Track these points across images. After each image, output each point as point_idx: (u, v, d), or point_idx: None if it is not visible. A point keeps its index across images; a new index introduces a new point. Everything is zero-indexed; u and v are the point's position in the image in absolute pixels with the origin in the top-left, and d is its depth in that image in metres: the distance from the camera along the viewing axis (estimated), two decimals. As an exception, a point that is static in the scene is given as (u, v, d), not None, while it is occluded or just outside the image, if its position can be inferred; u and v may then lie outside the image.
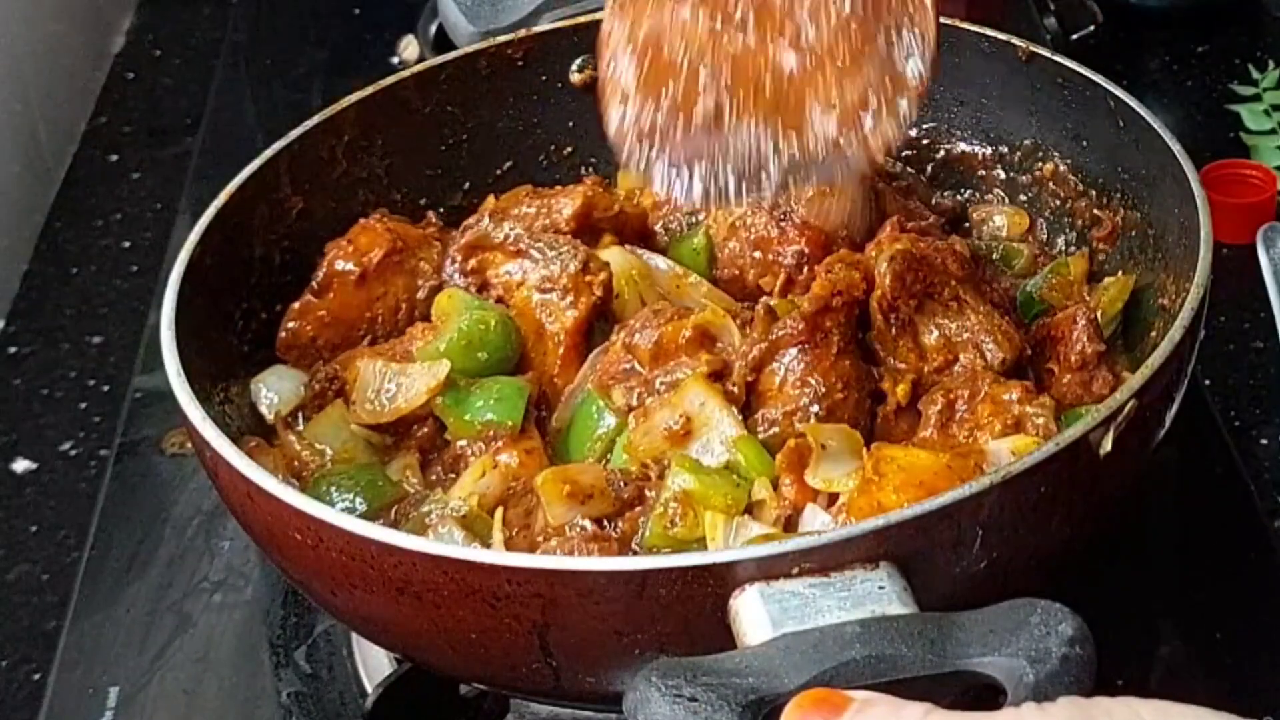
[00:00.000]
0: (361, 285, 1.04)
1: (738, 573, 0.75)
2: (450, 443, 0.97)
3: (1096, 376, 0.96)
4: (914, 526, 0.76)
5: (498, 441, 0.94)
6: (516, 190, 1.11)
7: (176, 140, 1.62)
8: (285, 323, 1.04)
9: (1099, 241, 1.08)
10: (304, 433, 0.99)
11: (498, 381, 0.97)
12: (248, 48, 1.72)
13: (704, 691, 0.69)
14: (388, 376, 0.98)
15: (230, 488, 0.86)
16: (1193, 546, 1.08)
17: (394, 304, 1.05)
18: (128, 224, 1.52)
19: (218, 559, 1.11)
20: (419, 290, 1.05)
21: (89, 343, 1.38)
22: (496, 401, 0.95)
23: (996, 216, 1.13)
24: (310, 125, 1.09)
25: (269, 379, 1.01)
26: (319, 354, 1.03)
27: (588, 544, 0.87)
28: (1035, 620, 0.71)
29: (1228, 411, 1.19)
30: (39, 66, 1.59)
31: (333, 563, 0.81)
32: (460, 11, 1.43)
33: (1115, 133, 1.05)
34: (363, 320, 1.04)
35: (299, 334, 1.03)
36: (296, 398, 1.01)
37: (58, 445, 1.28)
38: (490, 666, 0.83)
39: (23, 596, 1.16)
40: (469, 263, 1.04)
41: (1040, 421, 0.90)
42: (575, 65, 1.17)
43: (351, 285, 1.04)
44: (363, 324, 1.04)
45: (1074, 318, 0.97)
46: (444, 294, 1.02)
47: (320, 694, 1.02)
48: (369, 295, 1.04)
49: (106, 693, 1.02)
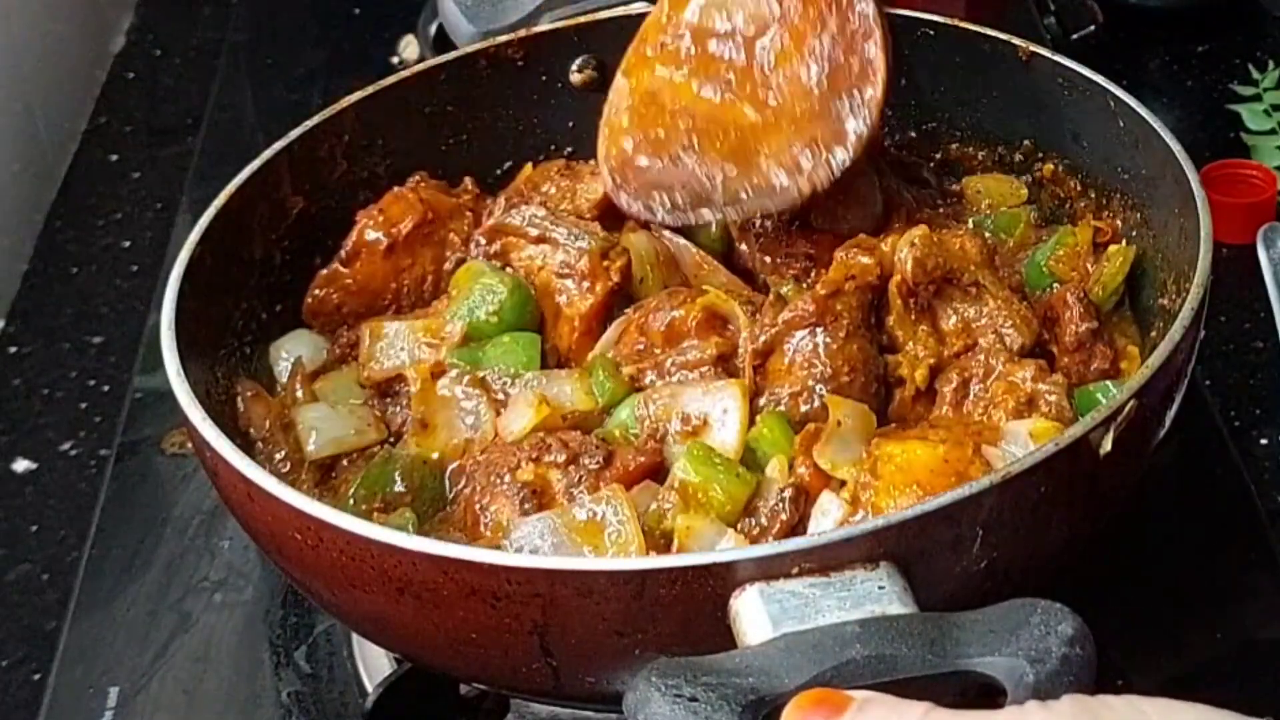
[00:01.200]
0: (390, 255, 1.05)
1: (738, 572, 0.75)
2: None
3: (1094, 354, 0.97)
4: (914, 527, 0.76)
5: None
6: (549, 164, 1.13)
7: (177, 140, 1.62)
8: (312, 289, 1.05)
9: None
10: (315, 389, 1.00)
11: (508, 335, 0.99)
12: (248, 48, 1.72)
13: (704, 691, 0.69)
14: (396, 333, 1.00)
15: (230, 487, 0.86)
16: (1192, 546, 1.08)
17: (420, 275, 1.06)
18: (128, 224, 1.52)
19: (218, 559, 1.11)
20: (446, 262, 1.06)
21: (89, 342, 1.38)
22: (510, 351, 0.97)
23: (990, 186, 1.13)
24: (310, 125, 1.09)
25: (288, 343, 1.03)
26: (343, 320, 1.05)
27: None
28: (1035, 620, 0.71)
29: (1228, 411, 1.19)
30: (39, 66, 1.59)
31: (333, 563, 0.81)
32: (460, 11, 1.43)
33: (1115, 133, 1.05)
34: (388, 290, 1.06)
35: (325, 301, 1.05)
36: (315, 362, 1.03)
37: (58, 445, 1.28)
38: (490, 666, 0.83)
39: (23, 596, 1.16)
40: (492, 245, 1.05)
41: (1053, 399, 0.91)
42: (575, 65, 1.18)
43: (380, 255, 1.05)
44: (388, 294, 1.06)
45: (1065, 298, 0.98)
46: (462, 268, 1.03)
47: (320, 694, 1.02)
48: (396, 265, 1.06)
49: (106, 692, 1.02)
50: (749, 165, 0.98)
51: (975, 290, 0.97)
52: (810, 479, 0.88)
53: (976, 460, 0.85)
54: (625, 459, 0.89)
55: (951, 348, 0.96)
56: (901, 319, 0.96)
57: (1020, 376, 0.92)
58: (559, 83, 1.18)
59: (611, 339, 1.00)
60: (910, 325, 0.96)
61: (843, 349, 0.93)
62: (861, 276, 0.95)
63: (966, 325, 0.96)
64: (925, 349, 0.95)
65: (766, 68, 0.99)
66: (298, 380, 1.01)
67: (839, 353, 0.92)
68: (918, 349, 0.95)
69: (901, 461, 0.85)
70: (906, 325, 0.96)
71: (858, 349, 0.93)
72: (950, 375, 0.94)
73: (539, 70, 1.17)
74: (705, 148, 1.00)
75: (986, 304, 0.97)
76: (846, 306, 0.94)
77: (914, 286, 0.96)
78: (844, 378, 0.92)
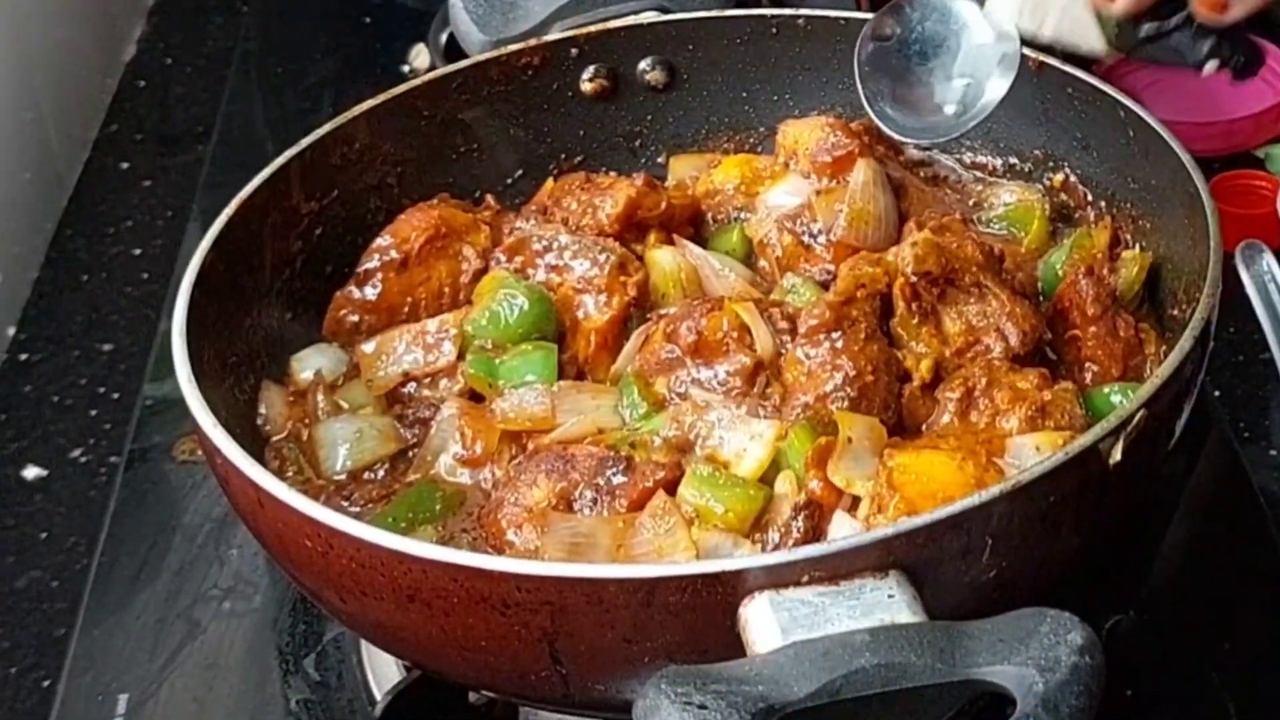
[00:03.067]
0: (404, 270, 1.06)
1: (747, 581, 0.75)
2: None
3: (1119, 321, 0.99)
4: (923, 535, 0.76)
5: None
6: (571, 177, 1.14)
7: (188, 148, 1.62)
8: (330, 311, 1.06)
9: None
10: (336, 399, 1.02)
11: (528, 344, 1.00)
12: (259, 56, 1.72)
13: (713, 699, 0.69)
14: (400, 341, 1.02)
15: (240, 495, 0.87)
16: (1201, 556, 1.08)
17: (437, 289, 1.07)
18: (139, 232, 1.52)
19: (227, 566, 1.11)
20: (463, 275, 1.07)
21: (99, 350, 1.38)
22: (529, 362, 0.99)
23: (1005, 194, 1.13)
24: (321, 134, 1.09)
25: (310, 355, 1.04)
26: (363, 335, 1.05)
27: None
28: (1045, 629, 0.71)
29: (1237, 422, 1.19)
30: (51, 74, 1.59)
31: (342, 570, 0.81)
32: (471, 20, 1.43)
33: (1125, 143, 1.05)
34: (405, 304, 1.06)
35: (343, 321, 1.06)
36: (335, 373, 1.04)
37: (68, 452, 1.28)
38: (499, 674, 0.83)
39: (32, 603, 1.16)
40: (512, 261, 1.06)
41: (1067, 408, 0.91)
42: (586, 74, 1.18)
43: (394, 270, 1.06)
44: (405, 308, 1.06)
45: (1074, 281, 1.00)
46: (486, 278, 1.05)
47: (329, 701, 1.02)
48: (411, 280, 1.06)
49: (116, 699, 1.02)
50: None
51: (978, 291, 0.98)
52: (822, 493, 0.88)
53: (991, 469, 0.86)
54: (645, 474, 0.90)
55: (953, 345, 0.96)
56: (905, 321, 0.97)
57: (1023, 385, 0.93)
58: (570, 91, 1.18)
59: (632, 351, 1.00)
60: (914, 327, 0.97)
61: (864, 350, 0.94)
62: (871, 285, 0.96)
63: (969, 325, 0.97)
64: (928, 348, 0.96)
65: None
66: (319, 392, 1.01)
67: (860, 354, 0.94)
68: (921, 348, 0.96)
69: (919, 472, 0.85)
70: (910, 327, 0.97)
71: (878, 349, 0.95)
72: (953, 384, 0.94)
73: (550, 79, 1.17)
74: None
75: (989, 304, 0.97)
76: (861, 312, 0.95)
77: (915, 287, 0.96)
78: (868, 377, 0.93)
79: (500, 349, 1.00)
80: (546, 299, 1.02)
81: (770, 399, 0.94)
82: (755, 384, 0.95)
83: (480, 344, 1.01)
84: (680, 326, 0.98)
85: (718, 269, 1.05)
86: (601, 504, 0.90)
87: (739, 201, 1.11)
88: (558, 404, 0.96)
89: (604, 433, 0.95)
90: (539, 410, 0.96)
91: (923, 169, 1.14)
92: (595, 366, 1.01)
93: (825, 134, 1.08)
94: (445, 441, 0.98)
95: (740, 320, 0.97)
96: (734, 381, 0.95)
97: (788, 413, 0.93)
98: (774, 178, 1.11)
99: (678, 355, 0.97)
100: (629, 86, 1.19)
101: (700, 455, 0.92)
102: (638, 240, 1.08)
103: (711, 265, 1.05)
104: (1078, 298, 1.00)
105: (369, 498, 0.96)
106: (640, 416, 0.95)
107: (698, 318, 0.97)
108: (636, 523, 0.88)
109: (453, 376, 1.01)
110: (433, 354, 1.02)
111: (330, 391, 1.02)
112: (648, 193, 1.08)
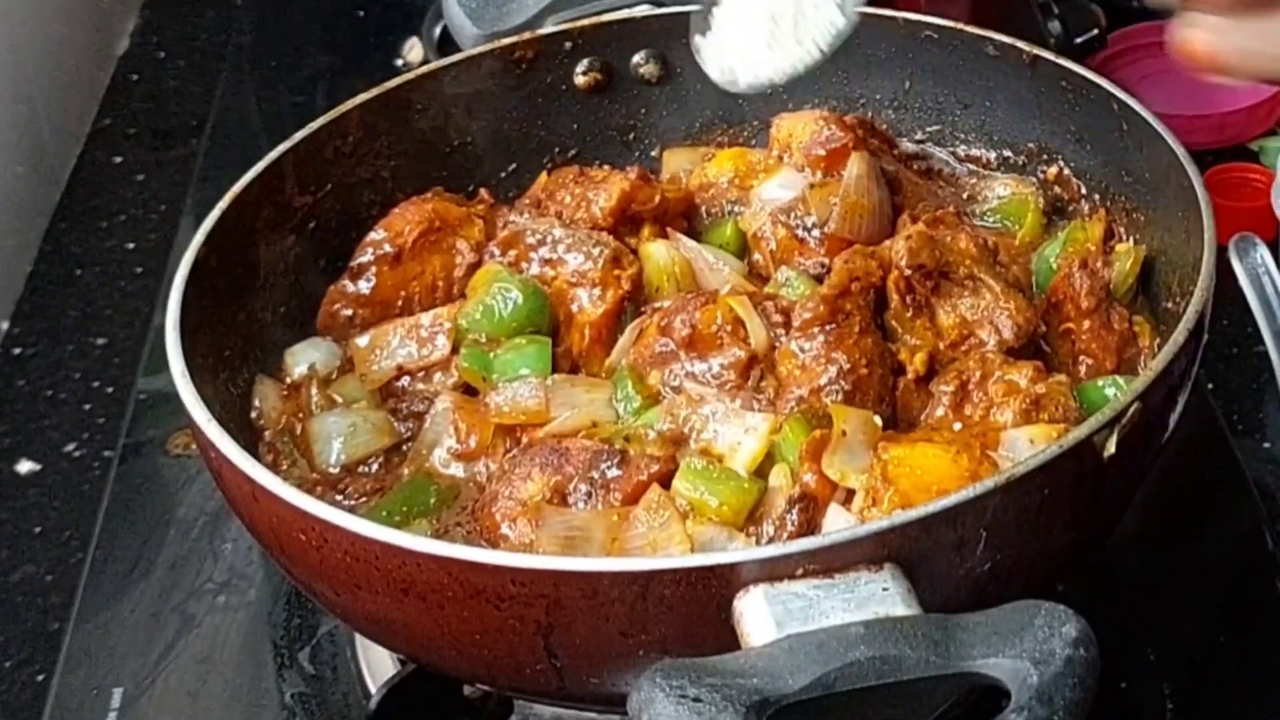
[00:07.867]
0: (397, 264, 1.06)
1: (742, 574, 0.75)
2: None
3: (1113, 314, 0.99)
4: (918, 528, 0.76)
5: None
6: (564, 171, 1.13)
7: (181, 142, 1.62)
8: (324, 305, 1.06)
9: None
10: (329, 393, 1.02)
11: (521, 338, 1.00)
12: (252, 50, 1.72)
13: (708, 692, 0.69)
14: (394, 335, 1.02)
15: (234, 488, 0.87)
16: (1195, 550, 1.08)
17: (431, 282, 1.06)
18: (132, 225, 1.52)
19: (221, 560, 1.11)
20: (456, 269, 1.07)
21: (93, 344, 1.38)
22: (522, 355, 0.99)
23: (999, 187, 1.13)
24: (315, 127, 1.09)
25: (304, 349, 1.04)
26: (357, 330, 1.05)
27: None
28: (1039, 622, 0.71)
29: (1231, 415, 1.19)
30: (43, 68, 1.59)
31: (337, 563, 0.81)
32: (465, 14, 1.43)
33: (1119, 136, 1.05)
34: (399, 298, 1.06)
35: (336, 315, 1.06)
36: (329, 367, 1.04)
37: (62, 446, 1.28)
38: (494, 667, 0.83)
39: (26, 598, 1.16)
40: (506, 255, 1.06)
41: (1061, 401, 0.91)
42: (580, 68, 1.18)
43: (388, 265, 1.06)
44: (399, 302, 1.06)
45: (1068, 274, 1.00)
46: (480, 271, 1.04)
47: (324, 695, 1.02)
48: (405, 274, 1.06)
49: (110, 693, 1.02)
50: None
51: (972, 284, 0.98)
52: (817, 486, 0.88)
53: (986, 462, 0.86)
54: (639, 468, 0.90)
55: (947, 338, 0.97)
56: (899, 314, 0.97)
57: (1017, 378, 0.93)
58: (564, 85, 1.18)
59: (627, 345, 1.00)
60: (908, 321, 0.97)
61: (858, 343, 0.94)
62: (865, 278, 0.96)
63: (963, 318, 0.97)
64: (921, 340, 0.96)
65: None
66: (313, 386, 1.01)
67: (855, 347, 0.94)
68: (914, 340, 0.96)
69: (913, 465, 0.86)
70: (904, 320, 0.97)
71: (872, 343, 0.95)
72: (948, 377, 0.95)
73: (543, 73, 1.17)
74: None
75: (983, 297, 0.98)
76: (855, 305, 0.95)
77: (909, 280, 0.96)
78: (862, 370, 0.93)
79: (494, 343, 1.00)
80: (540, 293, 1.02)
81: (765, 392, 0.94)
82: (749, 377, 0.95)
83: (474, 338, 1.01)
84: (674, 320, 0.98)
85: (712, 262, 1.05)
86: (596, 497, 0.90)
87: (733, 195, 1.12)
88: (552, 398, 0.96)
89: (598, 426, 0.95)
90: (533, 404, 0.96)
91: (916, 162, 1.14)
92: (589, 360, 1.01)
93: (819, 127, 1.08)
94: (439, 435, 0.98)
95: (734, 314, 0.97)
96: (728, 375, 0.95)
97: (782, 406, 0.93)
98: (768, 171, 1.11)
99: (672, 349, 0.97)
100: (623, 80, 1.19)
101: (695, 449, 0.92)
102: (632, 234, 1.08)
103: (705, 259, 1.06)
104: (1072, 291, 1.00)
105: (363, 491, 0.96)
106: (634, 410, 0.96)
107: (692, 311, 0.97)
108: (631, 516, 0.88)
109: (447, 370, 1.01)
110: (427, 348, 1.02)
111: (324, 385, 1.02)
112: (642, 186, 1.08)
